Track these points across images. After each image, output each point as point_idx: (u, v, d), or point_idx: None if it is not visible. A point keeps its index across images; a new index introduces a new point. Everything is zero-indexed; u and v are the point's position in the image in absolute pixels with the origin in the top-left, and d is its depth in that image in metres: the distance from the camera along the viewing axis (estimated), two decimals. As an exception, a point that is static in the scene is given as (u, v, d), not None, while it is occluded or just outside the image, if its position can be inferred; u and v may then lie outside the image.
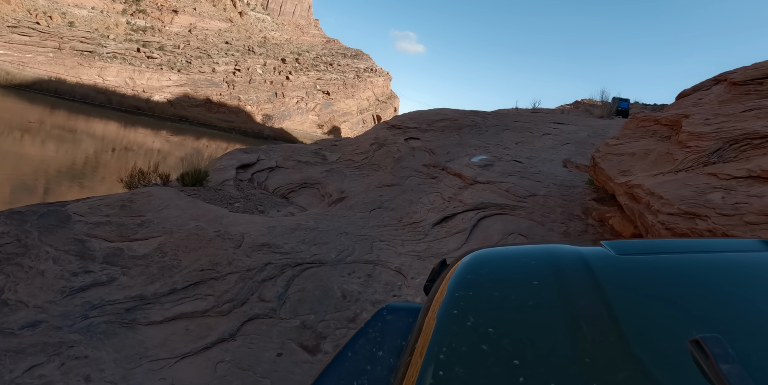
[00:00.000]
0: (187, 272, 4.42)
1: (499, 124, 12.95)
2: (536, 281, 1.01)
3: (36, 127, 45.83)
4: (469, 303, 0.95)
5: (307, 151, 9.44)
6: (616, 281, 0.97)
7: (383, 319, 1.21)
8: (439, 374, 0.75)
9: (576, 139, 11.70)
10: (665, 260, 1.10)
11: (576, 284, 0.96)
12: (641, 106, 32.13)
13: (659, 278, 1.00)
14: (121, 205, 5.73)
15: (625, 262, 1.07)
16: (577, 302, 0.89)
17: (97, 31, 76.01)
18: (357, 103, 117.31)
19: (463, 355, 0.78)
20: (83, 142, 45.95)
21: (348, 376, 1.03)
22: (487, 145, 10.00)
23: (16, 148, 36.11)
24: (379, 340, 1.13)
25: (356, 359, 1.07)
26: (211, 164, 8.11)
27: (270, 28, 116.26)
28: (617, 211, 6.19)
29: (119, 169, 36.85)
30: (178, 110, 77.39)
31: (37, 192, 25.93)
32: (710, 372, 0.65)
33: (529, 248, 1.29)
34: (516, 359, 0.75)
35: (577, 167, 9.39)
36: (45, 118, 51.80)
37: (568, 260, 1.08)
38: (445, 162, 8.23)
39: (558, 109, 25.67)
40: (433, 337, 0.86)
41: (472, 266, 1.14)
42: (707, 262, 1.12)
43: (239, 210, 6.23)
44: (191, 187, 6.64)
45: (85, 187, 29.21)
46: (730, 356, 0.67)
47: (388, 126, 11.19)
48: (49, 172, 30.99)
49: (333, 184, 7.67)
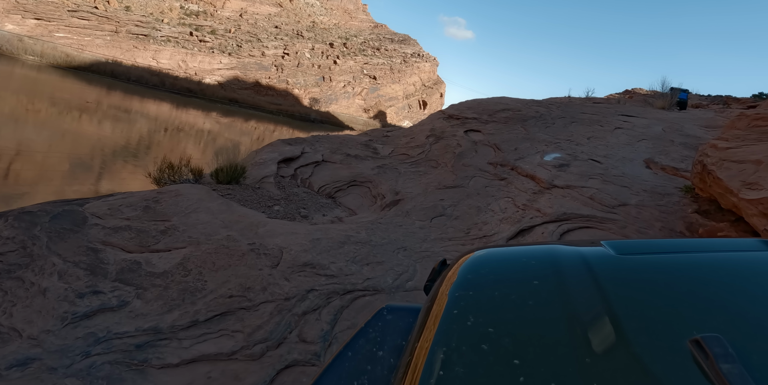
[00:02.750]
0: (212, 299, 3.62)
1: (565, 115, 11.79)
2: (536, 280, 1.01)
3: (93, 107, 47.28)
4: (470, 303, 0.94)
5: (357, 143, 8.50)
6: (616, 280, 0.97)
7: (383, 319, 1.19)
8: (440, 373, 0.74)
9: (652, 135, 10.49)
10: (665, 259, 1.09)
11: (576, 283, 0.95)
12: (698, 98, 29.59)
13: (659, 278, 1.00)
14: (144, 206, 5.00)
15: (626, 262, 1.07)
16: (578, 301, 0.88)
17: (151, 16, 77.85)
18: (403, 88, 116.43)
19: (464, 355, 0.78)
20: (137, 122, 47.13)
21: (348, 376, 1.02)
22: (558, 140, 8.84)
23: (74, 126, 37.21)
24: (380, 340, 1.12)
25: (356, 359, 1.06)
26: (250, 157, 7.30)
27: (319, 13, 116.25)
28: (731, 228, 5.06)
29: (171, 149, 37.62)
30: (228, 93, 78.99)
31: (93, 170, 26.55)
32: (710, 372, 0.65)
33: (529, 248, 1.28)
34: (516, 359, 0.74)
35: (663, 169, 8.17)
36: (102, 98, 53.38)
37: (568, 260, 1.07)
38: (514, 160, 7.15)
39: (612, 99, 23.98)
40: (433, 337, 0.85)
41: (472, 266, 1.14)
42: (707, 262, 1.11)
43: (279, 215, 5.39)
44: (226, 186, 5.84)
45: (138, 167, 29.84)
46: (731, 356, 0.66)
47: (445, 116, 10.13)
48: (104, 151, 31.76)
49: (386, 182, 6.73)
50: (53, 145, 29.91)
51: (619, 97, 26.67)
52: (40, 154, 26.17)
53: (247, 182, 6.18)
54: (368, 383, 1.00)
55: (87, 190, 22.83)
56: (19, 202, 18.16)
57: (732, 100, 21.53)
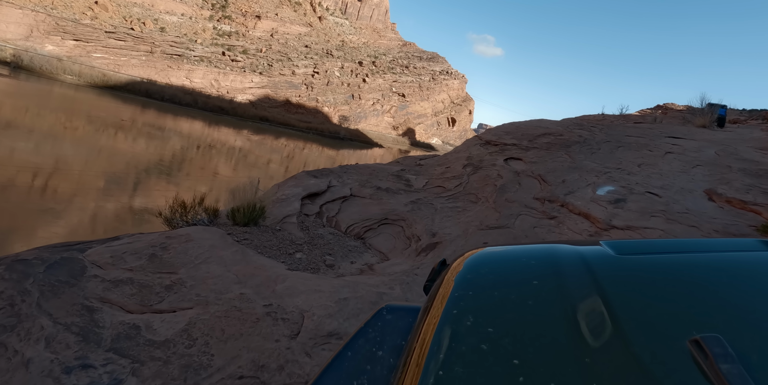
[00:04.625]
0: (219, 379, 3.02)
1: (610, 139, 11.06)
2: (536, 280, 1.00)
3: (128, 125, 48.53)
4: (469, 303, 0.94)
5: (388, 174, 7.87)
6: (616, 280, 0.96)
7: (383, 319, 1.19)
8: (439, 373, 0.74)
9: (705, 160, 9.70)
10: (665, 259, 1.08)
11: (576, 283, 0.94)
12: (735, 112, 28.07)
13: (659, 278, 0.99)
14: (150, 253, 4.47)
15: (625, 262, 1.05)
16: (577, 301, 0.87)
17: (185, 36, 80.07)
18: (432, 105, 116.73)
19: (463, 355, 0.77)
20: (170, 139, 48.15)
21: (348, 375, 1.01)
22: (607, 169, 8.08)
23: (110, 143, 38.09)
24: (379, 340, 1.11)
25: (356, 359, 1.06)
26: (272, 192, 6.72)
27: (348, 32, 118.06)
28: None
29: (203, 166, 37.84)
30: (259, 111, 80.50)
31: (127, 186, 26.88)
32: (710, 372, 0.65)
33: (528, 248, 1.26)
34: (516, 359, 0.74)
35: (729, 202, 7.33)
36: (136, 116, 54.84)
37: (567, 260, 1.06)
38: (564, 195, 6.41)
39: (648, 116, 22.96)
40: (433, 337, 0.85)
41: (472, 265, 1.12)
42: (707, 262, 1.09)
43: (301, 264, 4.78)
44: (243, 228, 5.27)
45: (171, 183, 30.14)
46: (730, 356, 0.66)
47: (482, 142, 9.46)
48: (138, 167, 32.30)
49: (421, 221, 6.07)
50: (89, 161, 30.49)
51: (653, 113, 25.61)
52: (76, 170, 26.62)
53: (266, 223, 5.61)
54: (368, 383, 0.98)
55: (120, 207, 22.96)
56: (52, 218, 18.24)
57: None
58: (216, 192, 31.88)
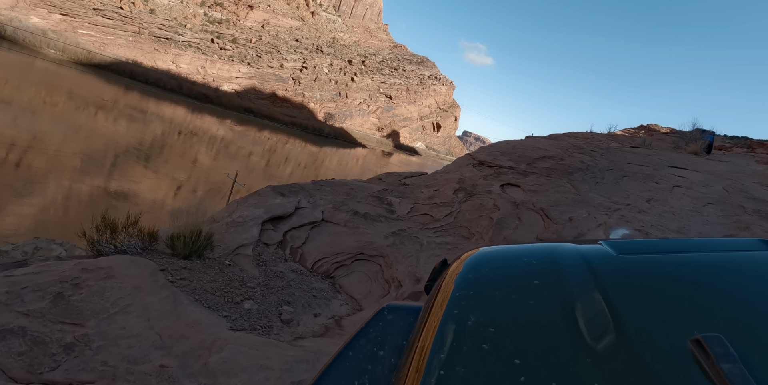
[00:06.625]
0: None
1: (613, 167, 10.40)
2: (537, 280, 0.98)
3: (110, 105, 46.81)
4: (470, 303, 0.91)
5: (368, 194, 6.78)
6: (616, 280, 0.93)
7: (384, 318, 1.15)
8: (441, 373, 0.72)
9: (715, 197, 9.15)
10: (665, 259, 1.05)
11: (577, 283, 0.92)
12: (720, 138, 27.70)
13: (660, 278, 0.96)
14: (57, 292, 3.37)
15: (626, 261, 1.03)
16: (578, 301, 0.85)
17: (175, 20, 78.11)
18: (418, 109, 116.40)
19: (465, 354, 0.75)
20: (152, 123, 46.61)
21: (349, 375, 0.98)
22: (616, 204, 7.26)
23: (89, 123, 36.43)
24: (380, 339, 1.07)
25: (357, 359, 1.02)
26: (227, 211, 5.58)
27: (339, 30, 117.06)
28: None
29: (183, 153, 36.52)
30: (244, 102, 79.23)
31: (104, 169, 25.44)
32: (711, 372, 0.63)
33: (529, 248, 1.23)
34: (517, 359, 0.72)
35: (748, 250, 6.54)
36: (119, 97, 53.02)
37: (568, 260, 1.03)
38: (572, 238, 5.51)
39: (636, 137, 22.50)
40: (434, 336, 0.83)
41: (472, 265, 1.10)
42: (708, 261, 1.06)
43: (250, 319, 3.71)
44: (182, 261, 4.18)
45: (148, 169, 28.79)
46: (731, 356, 0.64)
47: (475, 162, 8.49)
48: (117, 150, 30.83)
49: (403, 260, 5.06)
50: (66, 139, 28.89)
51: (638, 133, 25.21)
52: (52, 148, 25.07)
53: (214, 255, 4.50)
54: (369, 382, 0.95)
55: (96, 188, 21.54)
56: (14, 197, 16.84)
57: (756, 144, 20.52)
58: (193, 181, 30.51)
